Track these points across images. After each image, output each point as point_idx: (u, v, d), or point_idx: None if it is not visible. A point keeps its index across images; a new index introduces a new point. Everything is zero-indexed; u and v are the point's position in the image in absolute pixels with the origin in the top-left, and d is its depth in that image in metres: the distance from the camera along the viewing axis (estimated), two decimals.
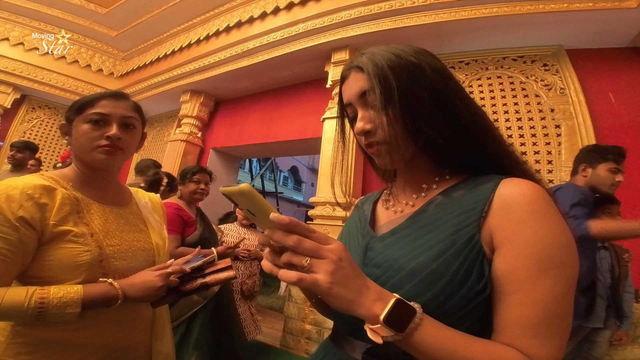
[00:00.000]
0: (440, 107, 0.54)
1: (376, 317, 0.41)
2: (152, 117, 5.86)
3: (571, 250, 0.46)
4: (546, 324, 0.43)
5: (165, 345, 0.96)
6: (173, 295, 0.95)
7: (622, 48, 2.76)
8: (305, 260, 0.41)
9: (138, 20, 4.91)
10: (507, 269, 0.46)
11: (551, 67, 2.88)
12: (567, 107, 2.71)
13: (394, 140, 0.54)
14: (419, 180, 0.61)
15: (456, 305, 0.46)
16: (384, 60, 0.55)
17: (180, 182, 2.19)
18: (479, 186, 0.53)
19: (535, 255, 0.44)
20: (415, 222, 0.55)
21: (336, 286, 0.41)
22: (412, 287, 0.48)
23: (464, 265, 0.47)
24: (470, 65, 3.16)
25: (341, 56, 3.32)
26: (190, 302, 1.83)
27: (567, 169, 2.58)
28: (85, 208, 0.84)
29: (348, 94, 0.59)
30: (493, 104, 2.94)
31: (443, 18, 2.80)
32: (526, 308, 0.44)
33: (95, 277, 0.79)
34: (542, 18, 2.63)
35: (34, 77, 4.98)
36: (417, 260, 0.49)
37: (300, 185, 23.68)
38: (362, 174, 3.28)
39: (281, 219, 0.41)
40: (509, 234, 0.46)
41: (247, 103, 4.76)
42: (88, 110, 0.86)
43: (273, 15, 3.71)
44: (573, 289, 0.46)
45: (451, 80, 0.57)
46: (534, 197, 0.47)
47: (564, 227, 0.47)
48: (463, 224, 0.50)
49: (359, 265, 0.55)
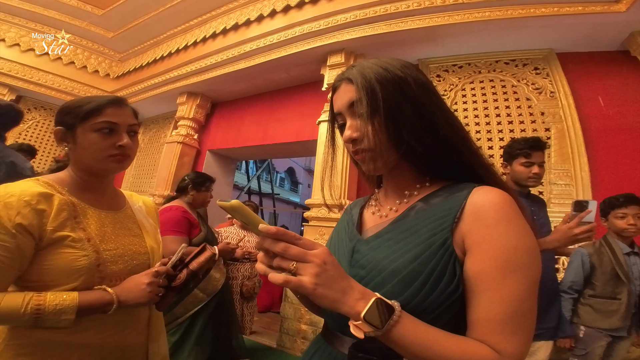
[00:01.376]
0: (422, 119, 0.59)
1: (358, 314, 0.45)
2: (148, 119, 5.86)
3: (534, 253, 0.51)
4: (512, 321, 0.47)
5: (161, 347, 0.97)
6: (171, 293, 0.97)
7: (612, 51, 2.81)
8: (292, 264, 0.45)
9: (135, 22, 4.92)
10: (476, 270, 0.50)
11: (542, 71, 2.93)
12: (556, 110, 2.76)
13: (378, 148, 0.59)
14: (402, 187, 0.66)
15: (433, 303, 0.51)
16: (372, 73, 0.59)
17: (197, 188, 2.21)
18: (454, 194, 0.58)
19: (501, 257, 0.49)
20: (397, 227, 0.60)
21: (320, 287, 0.45)
22: (393, 286, 0.53)
23: (437, 266, 0.52)
24: (464, 68, 3.20)
25: (337, 59, 3.36)
26: (195, 299, 1.88)
27: (556, 171, 2.63)
28: (81, 213, 0.85)
29: (338, 103, 0.64)
30: (485, 107, 2.99)
31: (437, 22, 2.83)
32: (494, 306, 0.48)
33: (92, 281, 0.81)
34: (534, 22, 2.67)
35: (30, 78, 4.96)
36: (397, 262, 0.54)
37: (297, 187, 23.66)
38: (357, 177, 3.31)
39: (268, 229, 0.46)
40: (478, 238, 0.51)
41: (243, 105, 4.78)
42: (95, 119, 0.86)
43: (270, 18, 3.74)
44: (536, 289, 0.50)
45: (433, 94, 0.61)
46: (501, 204, 0.52)
47: (527, 232, 0.52)
48: (438, 228, 0.54)
49: (346, 266, 0.62)
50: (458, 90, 3.14)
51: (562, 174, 2.61)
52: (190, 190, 2.20)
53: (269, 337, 3.42)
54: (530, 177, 1.67)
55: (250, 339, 3.35)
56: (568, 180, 2.59)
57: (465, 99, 3.10)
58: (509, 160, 1.76)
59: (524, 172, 1.69)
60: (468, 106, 3.05)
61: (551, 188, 2.62)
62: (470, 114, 3.01)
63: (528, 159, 1.67)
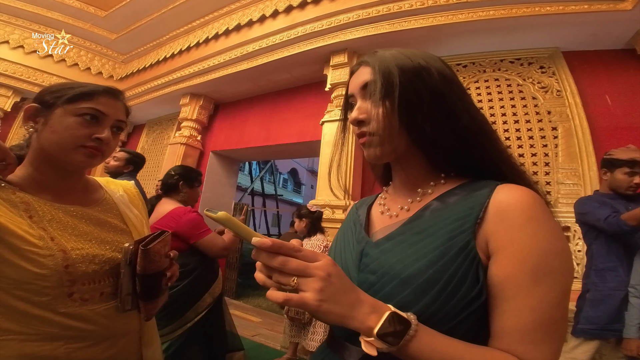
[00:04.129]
0: (441, 107, 0.55)
1: (370, 329, 0.42)
2: (151, 121, 5.87)
3: (566, 256, 0.47)
4: (542, 330, 0.44)
5: (155, 351, 0.90)
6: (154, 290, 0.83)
7: (618, 50, 2.79)
8: (292, 280, 0.42)
9: (138, 23, 4.93)
10: (503, 275, 0.46)
11: (548, 70, 2.90)
12: (563, 109, 2.73)
13: (387, 132, 0.55)
14: (414, 183, 0.62)
15: (452, 311, 0.46)
16: (392, 58, 0.57)
17: (189, 184, 2.01)
18: (474, 192, 0.53)
19: (530, 262, 0.45)
20: (411, 228, 0.55)
21: (325, 303, 0.41)
22: (408, 294, 0.48)
23: (458, 272, 0.47)
24: (468, 67, 3.18)
25: (340, 59, 3.35)
26: (205, 303, 1.86)
27: (564, 171, 2.60)
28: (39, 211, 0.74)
29: (352, 85, 0.62)
30: (491, 107, 2.96)
31: (440, 21, 2.82)
32: (523, 314, 0.44)
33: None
34: (538, 20, 2.65)
35: (34, 80, 4.98)
36: (413, 267, 0.50)
37: (300, 188, 23.69)
38: (360, 176, 3.29)
39: (263, 242, 0.42)
40: (504, 241, 0.47)
41: (246, 106, 4.78)
42: (83, 104, 0.76)
43: (272, 18, 3.73)
44: (568, 295, 0.46)
45: (455, 85, 0.58)
46: (530, 204, 0.48)
47: (558, 234, 0.47)
48: (458, 230, 0.50)
49: (354, 271, 0.57)
50: None
51: (569, 173, 2.59)
52: (182, 188, 1.98)
53: (272, 339, 3.40)
54: (631, 186, 1.77)
55: (255, 340, 3.34)
56: (576, 179, 2.56)
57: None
58: (611, 168, 1.84)
59: (625, 181, 1.78)
60: None
61: (559, 188, 2.59)
62: None
63: (632, 168, 1.77)
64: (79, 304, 0.72)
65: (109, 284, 0.79)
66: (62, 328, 0.69)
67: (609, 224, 1.69)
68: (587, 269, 1.87)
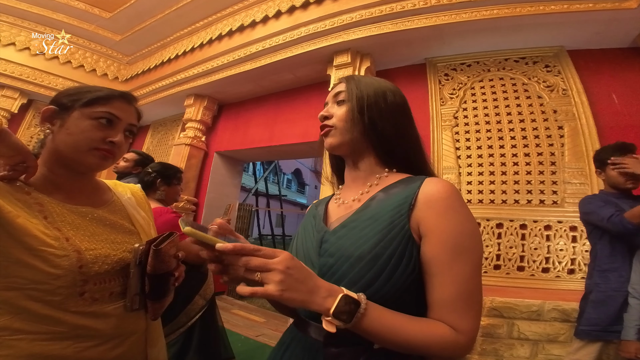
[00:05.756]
0: (395, 120, 0.72)
1: (327, 310, 0.50)
2: (156, 121, 5.91)
3: (477, 237, 0.60)
4: (463, 300, 0.55)
5: (160, 351, 0.92)
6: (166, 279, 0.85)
7: (624, 48, 2.76)
8: (256, 275, 0.49)
9: (142, 25, 4.96)
10: (430, 255, 0.58)
11: (553, 68, 2.88)
12: (569, 108, 2.71)
13: (346, 126, 0.72)
14: (364, 177, 0.75)
15: (395, 284, 0.57)
16: (365, 78, 0.78)
17: (167, 182, 1.91)
18: (409, 185, 0.66)
19: (450, 243, 0.57)
20: (361, 216, 0.66)
21: (286, 292, 0.48)
22: (360, 270, 0.58)
23: (397, 249, 0.58)
24: (472, 67, 3.16)
25: (343, 59, 3.34)
26: (197, 306, 1.83)
27: (570, 170, 2.58)
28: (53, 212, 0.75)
29: (329, 96, 0.81)
30: (495, 106, 2.94)
31: (444, 20, 2.80)
32: (447, 287, 0.56)
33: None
34: (543, 19, 2.63)
35: (40, 81, 5.01)
36: (362, 248, 0.60)
37: (304, 188, 23.70)
38: None
39: (225, 247, 0.49)
40: (430, 225, 0.59)
41: (250, 106, 4.79)
42: (99, 107, 0.79)
43: (275, 19, 3.73)
44: (480, 269, 0.59)
45: (407, 107, 0.76)
46: (449, 194, 0.60)
47: (470, 218, 0.60)
48: (397, 215, 0.61)
49: (314, 257, 0.68)
50: (467, 89, 3.10)
51: (576, 172, 2.57)
52: (159, 185, 1.87)
53: (275, 339, 3.40)
54: (627, 180, 1.76)
55: (259, 341, 3.34)
56: (583, 179, 2.54)
57: (474, 97, 3.06)
58: (602, 167, 1.86)
59: (618, 176, 1.77)
60: (478, 105, 3.01)
61: (565, 187, 2.57)
62: (480, 112, 2.97)
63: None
64: (89, 303, 0.74)
65: (119, 284, 0.81)
66: (71, 327, 0.71)
67: (613, 223, 1.67)
68: (591, 269, 1.85)
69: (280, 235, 11.72)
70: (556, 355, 2.00)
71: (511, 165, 2.77)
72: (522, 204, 2.67)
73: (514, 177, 2.74)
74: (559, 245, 2.49)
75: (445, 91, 3.17)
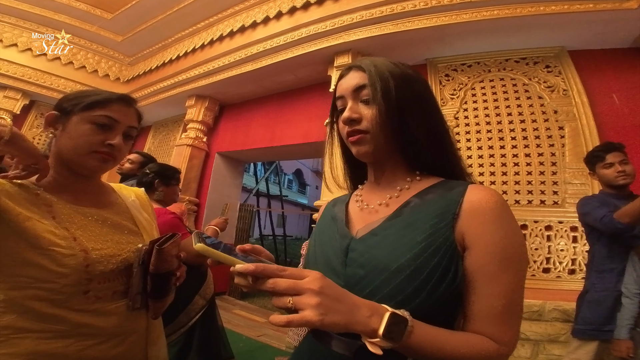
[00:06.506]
0: (423, 112, 0.63)
1: (374, 331, 0.44)
2: (158, 122, 5.92)
3: (524, 247, 0.56)
4: (508, 312, 0.52)
5: (160, 349, 0.93)
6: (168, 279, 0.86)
7: (625, 49, 2.76)
8: (288, 300, 0.42)
9: (143, 25, 4.97)
10: (477, 266, 0.54)
11: (554, 69, 2.88)
12: (570, 108, 2.71)
13: (377, 131, 0.61)
14: (392, 181, 0.68)
15: (438, 299, 0.52)
16: (384, 65, 0.64)
17: (165, 182, 1.91)
18: (449, 191, 0.60)
19: (499, 254, 0.53)
20: (395, 224, 0.60)
21: (327, 316, 0.41)
22: (399, 284, 0.53)
23: (442, 263, 0.53)
24: (473, 67, 3.17)
25: (344, 60, 3.35)
26: (197, 306, 1.84)
27: (571, 170, 2.58)
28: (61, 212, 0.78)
29: (343, 87, 0.67)
30: (496, 106, 2.95)
31: (444, 21, 2.81)
32: (493, 299, 0.52)
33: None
34: (543, 20, 2.64)
35: (42, 82, 5.03)
36: (400, 260, 0.54)
37: (305, 188, 23.71)
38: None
39: (246, 268, 0.43)
40: (478, 236, 0.54)
41: (251, 107, 4.80)
42: (98, 111, 0.80)
43: (276, 20, 3.74)
44: (524, 280, 0.55)
45: (432, 95, 0.67)
46: (497, 204, 0.56)
47: (518, 228, 0.57)
48: (439, 225, 0.56)
49: (339, 266, 0.61)
50: (468, 89, 3.10)
51: (577, 173, 2.57)
52: (158, 186, 1.86)
53: (277, 339, 3.41)
54: (617, 176, 1.76)
55: (260, 341, 3.35)
56: (583, 179, 2.54)
57: (475, 97, 3.06)
58: (592, 168, 1.89)
59: (608, 174, 1.79)
60: (478, 105, 3.02)
61: (566, 187, 2.57)
62: (481, 112, 2.97)
63: (603, 161, 1.80)
64: (92, 302, 0.75)
65: (122, 283, 0.83)
66: (74, 326, 0.72)
67: (604, 224, 1.67)
68: (589, 269, 1.85)
69: (281, 235, 11.71)
70: (557, 356, 2.00)
71: (512, 165, 2.77)
72: (523, 204, 2.67)
73: (514, 178, 2.74)
74: (559, 246, 2.50)
75: (446, 92, 3.17)
